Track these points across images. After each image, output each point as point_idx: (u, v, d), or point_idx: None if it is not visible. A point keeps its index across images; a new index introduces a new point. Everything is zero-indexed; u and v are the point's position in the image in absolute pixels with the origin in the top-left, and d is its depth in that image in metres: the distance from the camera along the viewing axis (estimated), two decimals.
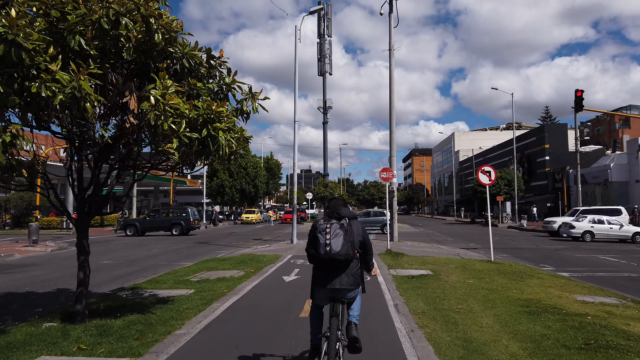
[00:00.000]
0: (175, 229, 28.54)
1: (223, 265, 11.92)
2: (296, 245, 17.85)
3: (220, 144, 5.36)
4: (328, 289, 3.90)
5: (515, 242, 23.75)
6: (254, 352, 4.98)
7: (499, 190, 45.56)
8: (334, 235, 3.78)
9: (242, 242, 23.61)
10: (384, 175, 14.26)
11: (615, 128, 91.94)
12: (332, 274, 3.87)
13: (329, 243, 3.75)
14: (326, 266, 3.88)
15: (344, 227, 3.84)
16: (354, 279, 3.92)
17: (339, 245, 3.76)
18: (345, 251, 3.76)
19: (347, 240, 3.79)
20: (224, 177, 53.86)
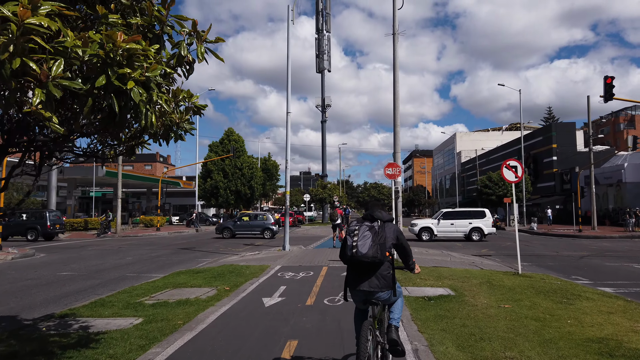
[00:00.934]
0: (30, 234, 26.79)
1: (195, 281, 9.77)
2: (288, 253, 15.69)
3: (138, 106, 3.21)
4: (359, 291, 3.93)
5: (531, 247, 21.61)
6: None
7: (505, 191, 43.45)
8: (361, 237, 3.81)
9: (231, 248, 21.49)
10: (389, 171, 12.10)
11: (620, 129, 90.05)
12: (361, 275, 3.90)
13: (356, 245, 3.79)
14: (355, 268, 3.93)
15: (374, 230, 3.85)
16: (384, 281, 3.89)
17: (366, 247, 3.77)
18: (372, 253, 3.75)
19: (375, 243, 3.78)
20: (218, 178, 51.68)
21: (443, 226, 25.47)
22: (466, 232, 25.21)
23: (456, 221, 25.53)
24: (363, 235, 3.82)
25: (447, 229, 25.50)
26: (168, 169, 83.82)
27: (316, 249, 18.19)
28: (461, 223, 25.41)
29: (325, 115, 50.74)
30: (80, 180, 44.44)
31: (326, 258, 13.95)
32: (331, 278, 9.95)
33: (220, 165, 52.54)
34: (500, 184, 44.07)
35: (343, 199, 53.05)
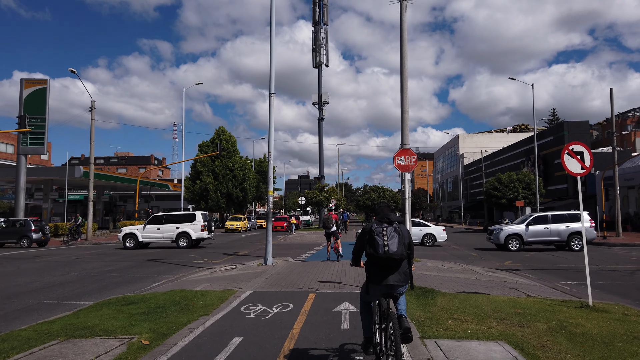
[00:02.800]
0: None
1: (112, 322, 6.50)
2: (269, 269, 12.38)
3: None
4: (383, 286, 4.24)
5: (561, 259, 18.33)
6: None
7: (516, 194, 40.21)
8: (390, 237, 4.15)
9: (207, 258, 18.21)
10: (400, 161, 8.80)
11: (628, 130, 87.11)
12: (387, 271, 4.22)
13: (387, 244, 4.12)
14: (382, 264, 4.21)
15: (397, 230, 4.22)
16: (405, 276, 4.29)
17: (396, 246, 4.13)
18: (400, 251, 4.14)
19: (401, 242, 4.17)
20: (208, 180, 48.38)
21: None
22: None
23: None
24: (391, 235, 4.18)
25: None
26: (146, 170, 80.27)
27: (306, 261, 14.89)
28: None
29: (322, 112, 47.50)
30: (57, 182, 41.14)
31: (316, 277, 10.67)
32: (318, 317, 6.68)
33: (210, 166, 49.27)
34: (510, 186, 40.81)
35: (341, 203, 49.74)
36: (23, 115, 24.36)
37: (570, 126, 48.67)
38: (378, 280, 4.23)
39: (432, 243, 24.67)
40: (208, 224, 23.58)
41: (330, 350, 5.12)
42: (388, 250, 4.08)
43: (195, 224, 23.14)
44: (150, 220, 23.86)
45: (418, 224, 25.19)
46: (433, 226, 25.63)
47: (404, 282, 4.28)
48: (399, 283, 4.23)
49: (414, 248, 4.67)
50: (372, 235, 4.20)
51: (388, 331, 4.16)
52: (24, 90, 31.26)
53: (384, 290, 4.28)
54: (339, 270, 12.05)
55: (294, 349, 5.17)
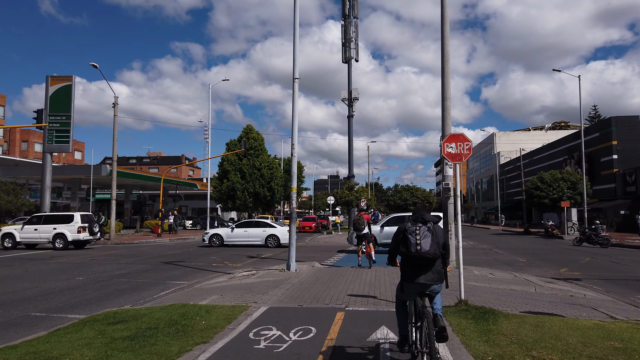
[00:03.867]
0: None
1: (81, 352, 5.10)
2: (291, 276, 10.86)
3: None
4: (417, 284, 4.29)
5: (620, 265, 16.11)
6: None
7: (561, 194, 37.48)
8: (423, 237, 4.21)
9: (228, 261, 16.90)
10: (450, 148, 6.89)
11: None
12: (420, 270, 4.27)
13: (419, 243, 4.19)
14: (415, 263, 4.28)
15: (431, 230, 4.28)
16: (439, 275, 4.32)
17: (428, 245, 4.19)
18: (433, 250, 4.19)
19: (434, 241, 4.22)
20: (235, 179, 47.41)
21: None
22: None
23: None
24: (424, 234, 4.23)
25: None
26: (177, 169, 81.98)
27: (333, 267, 13.30)
28: None
29: (352, 109, 45.75)
30: (85, 180, 40.91)
31: (345, 289, 9.07)
32: (348, 352, 5.06)
33: (238, 165, 48.27)
34: (554, 185, 38.08)
35: (372, 202, 47.90)
36: (40, 110, 23.68)
37: (619, 121, 45.35)
38: (411, 278, 4.31)
39: (276, 244, 23.05)
40: (90, 226, 22.77)
41: None
42: (420, 249, 4.16)
43: (73, 225, 22.15)
44: (29, 221, 23.03)
45: (263, 225, 23.98)
46: (278, 227, 23.67)
47: (438, 281, 4.32)
48: (432, 282, 4.29)
49: (449, 248, 4.73)
50: (406, 234, 4.27)
51: (423, 330, 4.20)
52: (50, 88, 30.82)
53: (417, 289, 4.34)
54: (372, 279, 10.41)
55: None
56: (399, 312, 4.69)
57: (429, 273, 4.26)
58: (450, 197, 12.80)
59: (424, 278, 4.25)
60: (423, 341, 4.17)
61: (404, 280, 4.41)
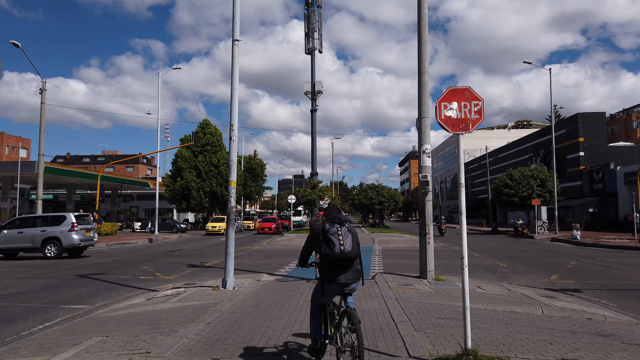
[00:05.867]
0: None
1: None
2: (223, 300, 8.12)
3: None
4: (338, 284, 4.33)
5: (610, 269, 14.21)
6: None
7: (531, 191, 36.17)
8: (345, 237, 4.27)
9: (162, 272, 14.03)
10: (450, 111, 4.13)
11: (633, 127, 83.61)
12: (341, 270, 4.31)
13: (343, 243, 4.22)
14: (337, 264, 4.28)
15: (350, 230, 4.38)
16: (357, 273, 4.42)
17: (350, 245, 4.25)
18: (354, 250, 4.28)
19: (354, 241, 4.32)
20: (190, 178, 44.02)
21: None
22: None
23: None
24: (346, 235, 4.30)
25: None
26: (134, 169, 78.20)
27: (285, 281, 10.64)
28: None
29: (315, 103, 43.29)
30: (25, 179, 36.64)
31: (292, 322, 6.45)
32: None
33: (193, 163, 44.87)
34: (523, 183, 36.74)
35: (336, 201, 45.53)
36: None
37: (585, 118, 44.69)
38: (333, 278, 4.32)
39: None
40: None
41: None
42: (344, 249, 4.20)
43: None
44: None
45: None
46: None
47: (357, 279, 4.42)
48: (353, 280, 4.37)
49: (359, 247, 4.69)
50: (327, 235, 4.29)
51: (341, 327, 4.35)
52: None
53: (339, 289, 4.40)
54: None
55: None
56: (315, 317, 4.67)
57: (349, 272, 4.33)
58: (427, 193, 10.42)
59: (345, 277, 4.31)
60: (344, 339, 4.30)
61: (324, 281, 4.41)
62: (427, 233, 10.40)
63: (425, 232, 10.43)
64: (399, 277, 10.81)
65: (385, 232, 37.05)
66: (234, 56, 9.29)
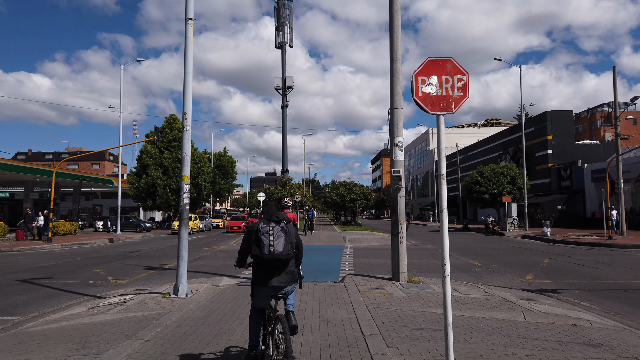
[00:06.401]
0: None
1: None
2: (172, 309, 7.20)
3: None
4: (270, 287, 4.09)
5: (585, 267, 13.88)
6: None
7: (501, 189, 36.22)
8: (276, 237, 4.00)
9: (116, 275, 12.91)
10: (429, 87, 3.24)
11: (597, 126, 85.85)
12: (273, 272, 4.07)
13: (273, 244, 3.96)
14: (268, 265, 4.05)
15: (284, 230, 4.09)
16: (292, 276, 4.17)
17: (282, 245, 3.98)
18: (286, 251, 4.00)
19: (287, 242, 4.05)
20: (156, 175, 42.39)
21: None
22: None
23: None
24: (277, 234, 4.02)
25: None
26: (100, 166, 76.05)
27: (245, 285, 9.73)
28: None
29: (286, 99, 42.37)
30: None
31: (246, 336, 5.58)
32: None
33: (158, 159, 43.19)
34: (494, 180, 36.77)
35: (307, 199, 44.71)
36: None
37: (553, 116, 45.23)
38: (264, 281, 4.11)
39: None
40: None
41: None
42: (274, 250, 3.98)
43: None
44: None
45: None
46: None
47: (291, 282, 4.19)
48: (286, 283, 4.15)
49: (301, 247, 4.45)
50: (258, 235, 4.05)
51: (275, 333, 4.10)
52: None
53: (271, 292, 4.18)
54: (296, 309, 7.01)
55: None
56: (252, 320, 4.34)
57: (282, 275, 4.10)
58: (400, 189, 9.71)
59: (277, 280, 4.08)
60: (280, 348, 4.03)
61: (255, 283, 4.17)
62: (399, 232, 9.69)
63: (398, 231, 9.72)
64: (370, 279, 10.07)
65: (357, 230, 36.47)
66: (187, 37, 8.32)
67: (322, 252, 19.45)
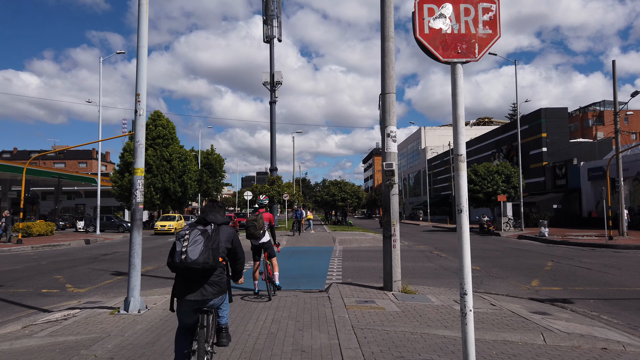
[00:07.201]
0: None
1: None
2: (113, 332, 5.86)
3: None
4: (188, 300, 3.55)
5: (592, 272, 12.73)
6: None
7: (496, 187, 35.17)
8: (192, 242, 3.48)
9: (75, 283, 11.58)
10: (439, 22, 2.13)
11: (589, 125, 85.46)
12: (191, 284, 3.51)
13: (185, 251, 3.43)
14: (185, 275, 3.53)
15: (206, 234, 3.55)
16: (218, 288, 3.62)
17: (197, 252, 3.43)
18: (204, 259, 3.43)
19: (207, 248, 3.48)
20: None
21: None
22: None
23: None
24: (194, 240, 3.50)
25: None
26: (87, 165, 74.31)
27: None
28: None
29: (275, 94, 41.00)
30: None
31: None
32: None
33: None
34: (489, 178, 35.72)
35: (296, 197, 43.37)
36: None
37: (548, 113, 44.27)
38: (181, 294, 3.54)
39: None
40: None
41: None
42: (186, 258, 3.39)
43: None
44: None
45: None
46: None
47: (217, 294, 3.60)
48: (210, 297, 3.55)
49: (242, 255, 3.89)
50: (175, 240, 3.60)
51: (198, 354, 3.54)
52: None
53: (192, 306, 3.56)
54: (263, 332, 5.71)
55: None
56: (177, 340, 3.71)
57: (205, 287, 3.51)
58: (393, 185, 8.45)
59: (199, 294, 3.48)
60: None
61: (173, 296, 3.60)
62: (392, 234, 8.43)
63: (391, 234, 8.47)
64: (358, 288, 8.80)
65: (347, 230, 35.22)
66: (142, 3, 6.99)
67: (309, 254, 18.20)
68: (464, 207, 2.83)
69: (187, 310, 3.61)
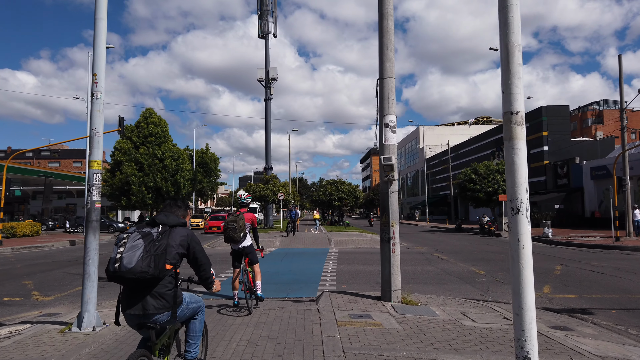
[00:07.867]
0: None
1: None
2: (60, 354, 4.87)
3: None
4: (129, 315, 3.05)
5: (606, 276, 11.77)
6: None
7: (497, 187, 34.22)
8: (129, 248, 2.93)
9: (42, 290, 10.61)
10: None
11: (588, 124, 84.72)
12: (132, 295, 3.02)
13: (120, 258, 2.90)
14: (125, 286, 3.05)
15: (149, 237, 3.02)
16: (163, 301, 3.04)
17: (134, 260, 2.89)
18: (141, 268, 2.88)
19: (148, 254, 2.93)
20: (130, 172, 39.69)
21: None
22: None
23: None
24: (134, 245, 2.95)
25: None
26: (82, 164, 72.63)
27: None
28: None
29: (270, 91, 39.97)
30: None
31: None
32: None
33: (133, 155, 40.45)
34: (489, 177, 34.78)
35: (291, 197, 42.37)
36: None
37: (549, 111, 43.36)
38: (124, 307, 3.06)
39: None
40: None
41: None
42: (120, 266, 2.87)
43: None
44: None
45: None
46: None
47: (162, 309, 3.02)
48: (152, 311, 2.99)
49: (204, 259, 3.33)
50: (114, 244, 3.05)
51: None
52: None
53: (135, 321, 3.06)
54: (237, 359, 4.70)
55: None
56: None
57: (148, 298, 2.99)
58: (392, 182, 7.45)
59: (136, 309, 2.99)
60: None
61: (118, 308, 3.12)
62: (391, 237, 7.44)
63: (389, 237, 7.48)
64: (353, 298, 7.80)
65: (344, 230, 34.20)
66: None
67: (302, 256, 17.21)
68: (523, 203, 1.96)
69: (132, 324, 3.14)
